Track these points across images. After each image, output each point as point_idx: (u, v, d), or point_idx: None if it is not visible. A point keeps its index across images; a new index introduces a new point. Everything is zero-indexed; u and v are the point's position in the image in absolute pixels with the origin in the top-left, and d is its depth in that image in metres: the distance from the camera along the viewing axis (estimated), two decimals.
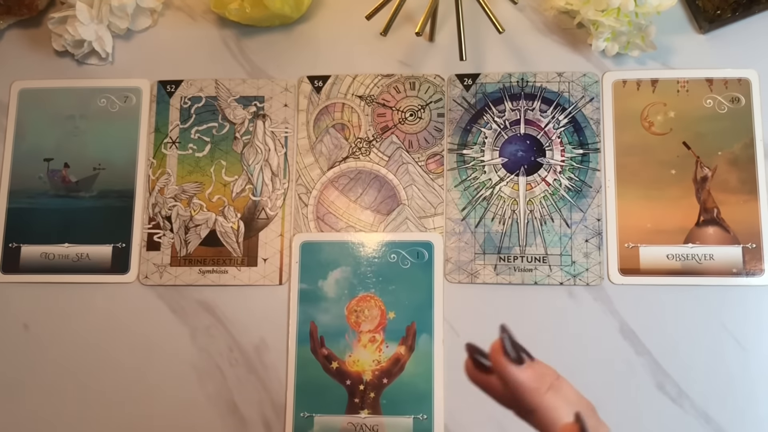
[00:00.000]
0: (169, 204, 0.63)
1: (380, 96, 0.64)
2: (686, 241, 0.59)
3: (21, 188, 0.64)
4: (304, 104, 0.64)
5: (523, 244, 0.60)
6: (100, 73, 0.67)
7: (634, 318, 0.59)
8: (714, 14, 0.62)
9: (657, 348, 0.58)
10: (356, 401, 0.58)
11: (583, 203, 0.61)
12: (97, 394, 0.60)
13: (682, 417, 0.57)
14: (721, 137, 0.61)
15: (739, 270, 0.59)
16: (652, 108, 0.62)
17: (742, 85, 0.62)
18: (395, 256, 0.60)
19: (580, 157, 0.62)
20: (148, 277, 0.62)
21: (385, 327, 0.59)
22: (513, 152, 0.62)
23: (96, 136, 0.65)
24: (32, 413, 0.61)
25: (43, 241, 0.63)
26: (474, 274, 0.60)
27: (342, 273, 0.61)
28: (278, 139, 0.64)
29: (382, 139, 0.63)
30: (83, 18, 0.63)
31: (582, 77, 0.63)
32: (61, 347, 0.61)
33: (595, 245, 0.60)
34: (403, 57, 0.65)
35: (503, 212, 0.61)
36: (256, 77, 0.65)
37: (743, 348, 0.58)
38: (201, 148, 0.64)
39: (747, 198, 0.60)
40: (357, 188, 0.63)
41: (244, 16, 0.63)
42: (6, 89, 0.66)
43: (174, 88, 0.65)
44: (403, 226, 0.61)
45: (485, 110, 0.63)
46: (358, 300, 0.60)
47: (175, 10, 0.68)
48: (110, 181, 0.64)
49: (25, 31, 0.68)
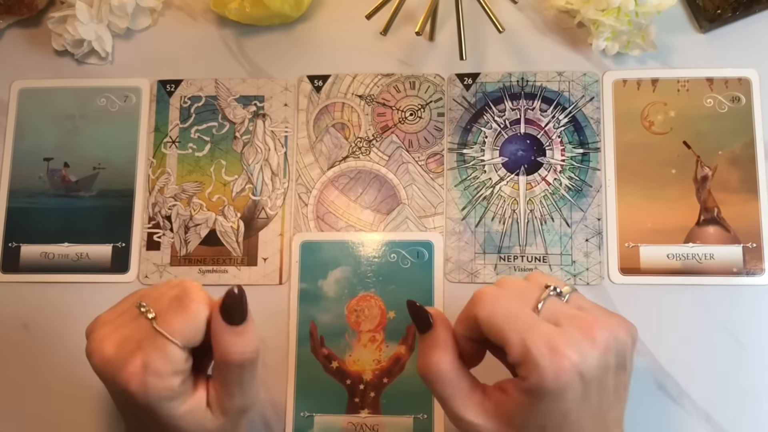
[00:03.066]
0: (169, 203, 0.63)
1: (380, 95, 0.64)
2: (686, 241, 0.59)
3: (21, 188, 0.64)
4: (304, 104, 0.64)
5: (524, 243, 0.60)
6: (99, 72, 0.67)
7: (634, 317, 0.58)
8: (714, 14, 0.62)
9: (657, 347, 0.58)
10: (356, 401, 0.58)
11: (583, 203, 0.61)
12: (97, 394, 0.60)
13: (682, 417, 0.57)
14: (721, 137, 0.61)
15: (739, 269, 0.59)
16: (652, 107, 0.62)
17: (743, 84, 0.62)
18: (395, 255, 0.60)
19: (580, 157, 0.62)
20: (148, 277, 0.62)
21: (385, 326, 0.59)
22: (513, 152, 0.62)
23: (96, 135, 0.65)
24: (32, 413, 0.60)
25: (43, 240, 0.63)
26: (474, 273, 0.60)
27: (342, 272, 0.60)
28: (278, 138, 0.64)
29: (382, 138, 0.63)
30: (83, 17, 0.63)
31: (582, 77, 0.63)
32: (61, 347, 0.61)
33: (596, 245, 0.60)
34: (403, 56, 0.65)
35: (503, 212, 0.61)
36: (256, 77, 0.65)
37: (744, 347, 0.58)
38: (201, 147, 0.64)
39: (747, 197, 0.60)
40: (357, 188, 0.63)
41: (244, 15, 0.63)
42: (6, 89, 0.66)
43: (174, 88, 0.65)
44: (403, 226, 0.61)
45: (485, 110, 0.63)
46: (358, 299, 0.60)
47: (175, 10, 0.68)
48: (110, 180, 0.64)
49: (24, 30, 0.68)
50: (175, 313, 0.45)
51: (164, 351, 0.44)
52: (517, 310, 0.44)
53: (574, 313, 0.45)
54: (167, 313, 0.45)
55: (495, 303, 0.45)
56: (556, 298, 0.45)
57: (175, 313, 0.45)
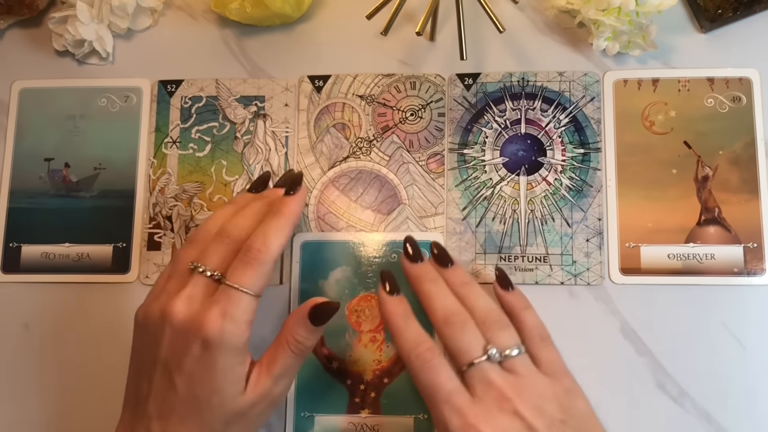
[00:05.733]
0: (169, 204, 0.63)
1: (381, 95, 0.64)
2: (687, 241, 0.59)
3: (21, 188, 0.64)
4: (304, 104, 0.64)
5: (524, 243, 0.60)
6: (100, 72, 0.67)
7: (635, 318, 0.59)
8: (715, 13, 0.62)
9: (658, 347, 0.58)
10: (357, 401, 0.58)
11: (584, 203, 0.61)
12: (97, 394, 0.60)
13: (682, 417, 0.57)
14: (722, 136, 0.61)
15: (740, 269, 0.59)
16: (653, 107, 0.62)
17: (744, 84, 0.62)
18: (396, 255, 0.60)
19: (580, 157, 0.62)
20: (148, 277, 0.62)
21: (385, 327, 0.59)
22: (514, 152, 0.62)
23: (96, 135, 0.65)
24: (32, 413, 0.61)
25: (44, 240, 0.63)
26: (475, 273, 0.60)
27: (343, 273, 0.60)
28: (279, 138, 0.64)
29: (382, 138, 0.63)
30: (84, 18, 0.63)
31: (583, 77, 0.63)
32: (61, 347, 0.61)
33: (596, 245, 0.60)
34: (404, 56, 0.65)
35: (504, 212, 0.61)
36: (257, 77, 0.65)
37: (744, 347, 0.58)
38: (201, 147, 0.64)
39: (748, 197, 0.60)
40: (358, 188, 0.63)
41: (245, 15, 0.63)
42: (6, 89, 0.66)
43: (174, 88, 0.65)
44: (403, 226, 0.61)
45: (486, 110, 0.63)
46: (359, 300, 0.60)
47: (176, 10, 0.68)
48: (111, 180, 0.64)
49: (25, 30, 0.68)
50: (245, 269, 0.49)
51: (239, 300, 0.48)
52: (438, 383, 0.48)
53: (500, 383, 0.48)
54: (235, 269, 0.49)
55: (419, 372, 0.49)
56: (488, 363, 0.48)
57: (245, 269, 0.49)
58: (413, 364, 0.49)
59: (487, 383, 0.48)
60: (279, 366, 0.50)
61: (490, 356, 0.48)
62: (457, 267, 0.55)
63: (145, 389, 0.49)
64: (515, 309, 0.54)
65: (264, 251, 0.49)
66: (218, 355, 0.47)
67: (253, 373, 0.50)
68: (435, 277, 0.53)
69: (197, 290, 0.49)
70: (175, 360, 0.48)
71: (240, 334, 0.48)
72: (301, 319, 0.50)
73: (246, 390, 0.49)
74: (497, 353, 0.49)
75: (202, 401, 0.48)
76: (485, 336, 0.50)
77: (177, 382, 0.48)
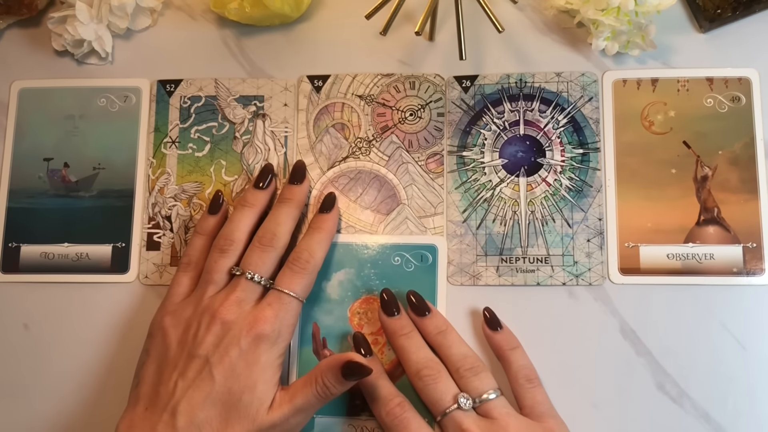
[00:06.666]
0: (169, 204, 0.63)
1: (380, 95, 0.64)
2: (686, 241, 0.59)
3: (21, 188, 0.64)
4: (303, 104, 0.64)
5: (525, 245, 0.60)
6: (99, 72, 0.66)
7: (634, 318, 0.59)
8: (714, 13, 0.62)
9: (657, 348, 0.58)
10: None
11: (584, 203, 0.61)
12: (97, 394, 0.60)
13: (682, 417, 0.57)
14: (721, 136, 0.61)
15: (739, 269, 0.59)
16: (652, 107, 0.62)
17: (743, 84, 0.62)
18: (399, 258, 0.60)
19: (580, 157, 0.62)
20: (148, 277, 0.62)
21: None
22: (513, 153, 0.62)
23: (96, 135, 0.65)
24: (32, 413, 0.61)
25: (43, 240, 0.63)
26: (476, 276, 0.60)
27: (346, 275, 0.60)
28: (278, 138, 0.64)
29: (381, 138, 0.63)
30: (83, 18, 0.63)
31: (580, 77, 0.63)
32: (61, 347, 0.61)
33: (597, 245, 0.60)
34: (403, 56, 0.65)
35: (504, 213, 0.61)
36: (256, 77, 0.65)
37: (744, 348, 0.58)
38: (201, 147, 0.64)
39: (747, 197, 0.60)
40: (357, 188, 0.63)
41: (244, 15, 0.63)
42: (6, 89, 0.66)
43: (173, 88, 0.65)
44: (403, 226, 0.61)
45: (484, 112, 0.63)
46: (362, 302, 0.60)
47: (175, 10, 0.68)
48: (110, 180, 0.64)
49: (24, 30, 0.68)
50: (293, 276, 0.55)
51: (289, 304, 0.54)
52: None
53: (473, 429, 0.51)
54: (284, 276, 0.55)
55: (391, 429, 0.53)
56: (460, 411, 0.52)
57: (293, 276, 0.55)
58: (385, 423, 0.53)
59: (460, 430, 0.51)
60: (301, 399, 0.52)
61: (460, 404, 0.52)
62: (434, 315, 0.57)
63: (172, 384, 0.51)
64: (503, 349, 0.56)
65: (311, 261, 0.55)
66: (264, 351, 0.51)
67: (277, 395, 0.52)
68: (409, 330, 0.56)
69: (246, 294, 0.54)
70: (218, 354, 0.51)
71: (288, 335, 0.53)
72: (334, 367, 0.51)
73: (270, 409, 0.51)
74: (468, 401, 0.52)
75: (234, 398, 0.50)
76: (458, 383, 0.53)
77: (215, 375, 0.50)
